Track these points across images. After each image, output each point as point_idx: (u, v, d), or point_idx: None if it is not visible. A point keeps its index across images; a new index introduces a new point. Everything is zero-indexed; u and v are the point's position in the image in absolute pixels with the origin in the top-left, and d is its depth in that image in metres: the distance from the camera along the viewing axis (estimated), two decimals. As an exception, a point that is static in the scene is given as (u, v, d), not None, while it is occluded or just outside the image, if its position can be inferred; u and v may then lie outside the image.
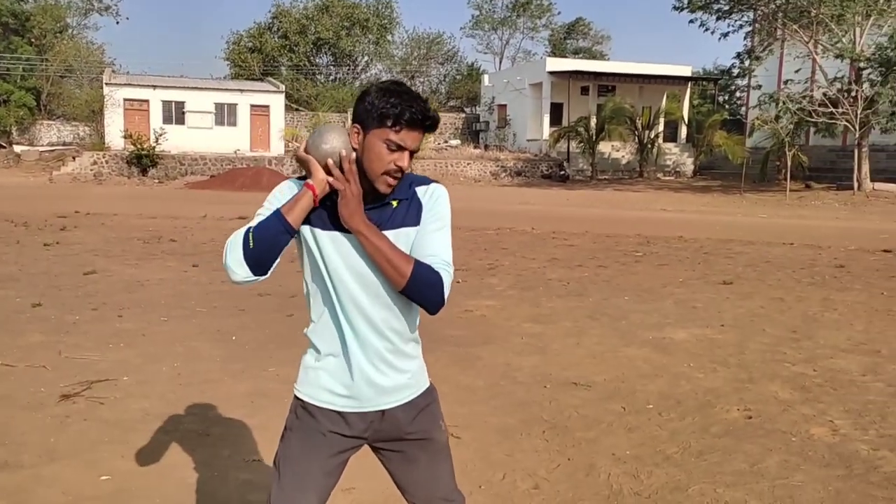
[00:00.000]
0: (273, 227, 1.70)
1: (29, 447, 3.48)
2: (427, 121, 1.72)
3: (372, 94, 1.72)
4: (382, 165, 1.71)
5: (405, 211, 1.80)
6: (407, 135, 1.70)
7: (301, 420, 1.88)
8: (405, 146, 1.70)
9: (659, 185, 30.23)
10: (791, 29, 26.96)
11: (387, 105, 1.68)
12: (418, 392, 1.92)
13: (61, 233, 11.76)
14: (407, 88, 1.74)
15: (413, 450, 1.93)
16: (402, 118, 1.68)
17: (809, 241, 12.87)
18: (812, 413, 4.10)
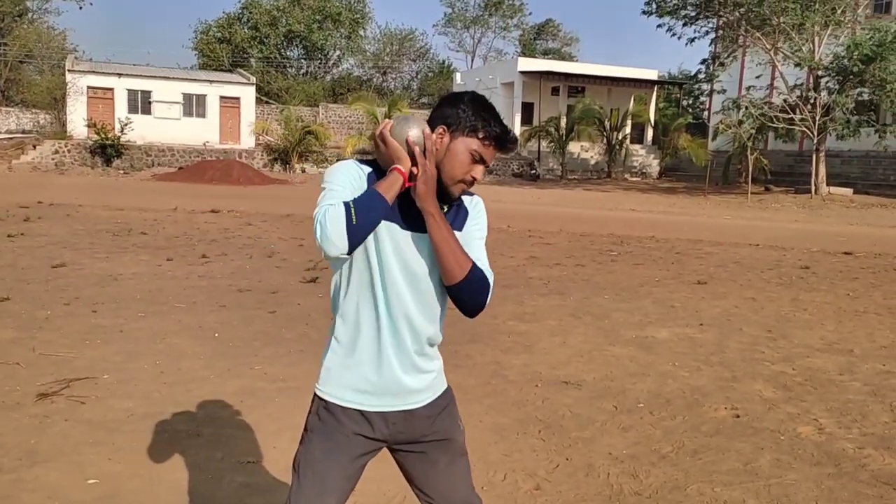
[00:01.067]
0: (377, 206, 1.69)
1: (8, 449, 3.35)
2: (510, 143, 1.80)
3: (466, 103, 1.78)
4: (462, 172, 1.77)
5: (453, 216, 1.84)
6: (491, 151, 1.78)
7: (323, 421, 1.85)
8: (486, 160, 1.78)
9: (627, 186, 30.61)
10: (754, 36, 27.48)
11: (482, 118, 1.76)
12: (439, 393, 1.92)
13: (25, 224, 11.40)
14: (492, 109, 1.81)
15: (434, 451, 1.92)
16: (493, 134, 1.76)
17: (773, 242, 13.15)
18: (797, 412, 4.17)
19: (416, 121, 1.77)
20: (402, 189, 1.72)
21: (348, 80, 46.91)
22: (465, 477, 2.00)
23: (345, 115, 37.93)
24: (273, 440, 3.48)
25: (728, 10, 27.69)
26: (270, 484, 3.08)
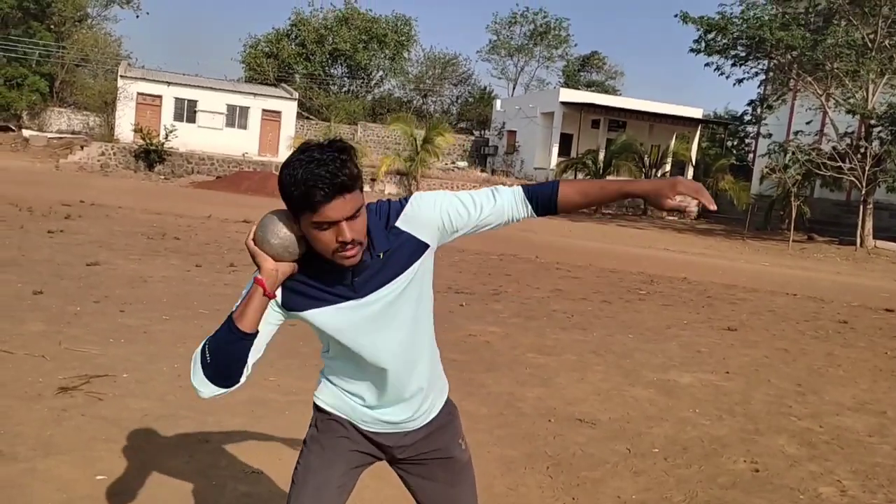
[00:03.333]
0: (225, 338, 1.58)
1: (24, 439, 3.41)
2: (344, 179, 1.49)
3: (282, 177, 1.53)
4: (327, 248, 1.55)
5: (399, 254, 1.67)
6: (331, 209, 1.49)
7: (321, 432, 1.87)
8: (332, 218, 1.50)
9: (662, 225, 30.30)
10: (805, 81, 27.18)
11: (294, 189, 1.50)
12: (434, 414, 1.90)
13: (65, 221, 11.70)
14: (310, 158, 1.50)
15: (433, 468, 1.92)
16: (312, 194, 1.48)
17: (812, 293, 12.84)
18: (819, 471, 4.04)
19: (279, 219, 1.58)
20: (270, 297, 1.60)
21: (389, 100, 47.49)
22: (468, 496, 1.98)
23: (382, 134, 38.36)
24: (279, 452, 3.48)
25: (780, 53, 27.44)
26: (272, 495, 3.07)
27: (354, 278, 1.64)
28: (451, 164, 37.03)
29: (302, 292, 1.65)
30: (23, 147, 30.55)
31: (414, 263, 1.69)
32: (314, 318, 1.67)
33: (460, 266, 11.51)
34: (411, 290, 1.72)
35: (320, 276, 1.63)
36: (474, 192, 1.74)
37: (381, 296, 1.67)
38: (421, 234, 1.68)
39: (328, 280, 1.64)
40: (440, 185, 31.87)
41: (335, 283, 1.64)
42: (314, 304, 1.65)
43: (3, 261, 7.78)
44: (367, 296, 1.66)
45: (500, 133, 40.38)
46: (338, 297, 1.65)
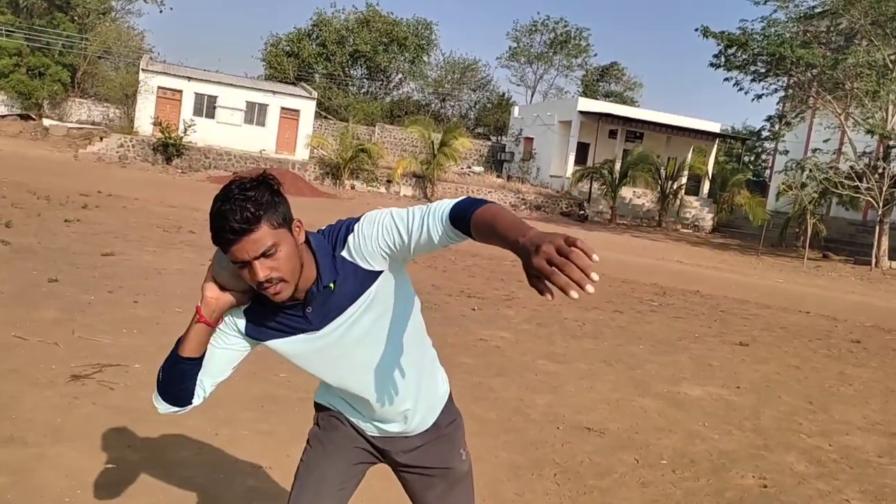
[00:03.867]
0: (170, 360, 1.64)
1: (35, 425, 3.44)
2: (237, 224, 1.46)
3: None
4: (250, 281, 1.53)
5: (349, 282, 1.62)
6: (238, 250, 1.48)
7: (323, 429, 1.89)
8: (244, 258, 1.49)
9: (677, 237, 30.16)
10: (824, 99, 27.00)
11: (211, 232, 1.51)
12: (430, 423, 1.88)
13: (82, 211, 11.81)
14: (225, 195, 1.49)
15: (432, 476, 1.91)
16: (218, 240, 1.50)
17: (825, 311, 12.73)
18: (828, 489, 4.00)
19: (221, 256, 1.58)
20: (208, 326, 1.62)
21: (407, 103, 47.57)
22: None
23: (399, 136, 38.43)
24: (287, 448, 3.49)
25: (800, 71, 27.28)
26: (278, 491, 3.08)
27: (307, 310, 1.63)
28: (468, 169, 37.03)
29: (261, 323, 1.67)
30: (42, 136, 30.85)
31: (364, 293, 1.63)
32: (275, 348, 1.70)
33: (473, 270, 11.50)
34: (371, 318, 1.66)
35: (278, 308, 1.63)
36: (413, 210, 1.56)
37: (335, 328, 1.65)
38: (366, 264, 1.61)
39: (285, 312, 1.64)
40: (456, 189, 31.89)
41: (291, 315, 1.64)
42: (273, 335, 1.67)
43: (21, 247, 7.86)
44: (321, 328, 1.65)
45: (517, 139, 40.35)
46: (294, 329, 1.66)
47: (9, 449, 3.14)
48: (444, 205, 1.51)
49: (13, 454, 3.10)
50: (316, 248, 1.61)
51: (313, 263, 1.60)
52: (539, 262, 1.21)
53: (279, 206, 1.52)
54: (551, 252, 1.21)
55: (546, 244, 1.22)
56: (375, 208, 1.66)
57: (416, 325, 1.78)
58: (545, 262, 1.20)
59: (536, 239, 1.26)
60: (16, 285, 6.13)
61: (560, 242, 1.22)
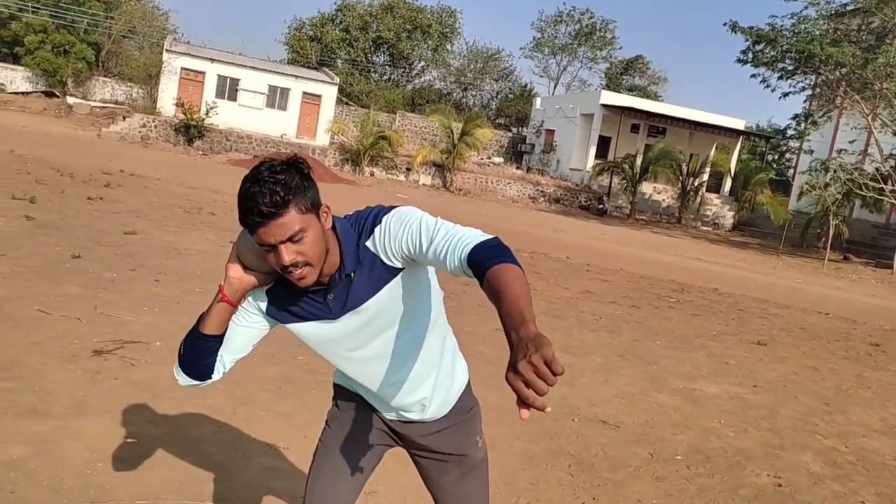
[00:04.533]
0: (191, 335, 1.67)
1: (58, 398, 3.50)
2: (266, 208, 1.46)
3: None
4: (275, 264, 1.54)
5: (370, 273, 1.62)
6: (264, 233, 1.49)
7: (342, 411, 1.90)
8: (271, 242, 1.49)
9: (696, 234, 29.92)
10: (852, 99, 26.57)
11: (238, 212, 1.52)
12: (446, 411, 1.88)
13: (105, 189, 11.92)
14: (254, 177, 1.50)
15: (447, 462, 1.92)
16: (245, 222, 1.51)
17: (845, 313, 12.60)
18: (843, 491, 3.97)
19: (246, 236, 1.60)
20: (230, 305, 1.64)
21: (429, 91, 47.46)
22: (478, 494, 1.97)
23: (420, 125, 38.38)
24: (304, 429, 3.52)
25: (829, 69, 26.86)
26: (295, 470, 3.11)
27: (329, 296, 1.63)
28: (487, 160, 36.92)
29: (283, 306, 1.68)
30: (66, 114, 31.17)
31: (386, 285, 1.63)
32: (293, 330, 1.71)
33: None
34: (389, 313, 1.67)
35: (300, 292, 1.63)
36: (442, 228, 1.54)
37: (351, 318, 1.66)
38: (388, 259, 1.61)
39: (307, 296, 1.65)
40: (475, 179, 31.82)
41: (313, 300, 1.65)
42: (293, 319, 1.68)
43: (45, 223, 7.96)
44: (339, 317, 1.66)
45: (538, 131, 40.15)
46: (313, 315, 1.66)
47: (32, 420, 3.20)
48: (469, 239, 1.49)
49: (37, 426, 3.15)
50: (342, 234, 1.60)
51: (338, 250, 1.60)
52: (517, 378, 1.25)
53: (308, 190, 1.51)
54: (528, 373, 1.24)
55: (524, 363, 1.24)
56: (404, 204, 1.65)
57: (437, 316, 1.77)
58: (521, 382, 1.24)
59: (526, 344, 1.26)
60: (39, 260, 6.22)
61: (537, 362, 1.23)
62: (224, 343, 1.69)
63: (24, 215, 8.12)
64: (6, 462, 2.79)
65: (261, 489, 2.92)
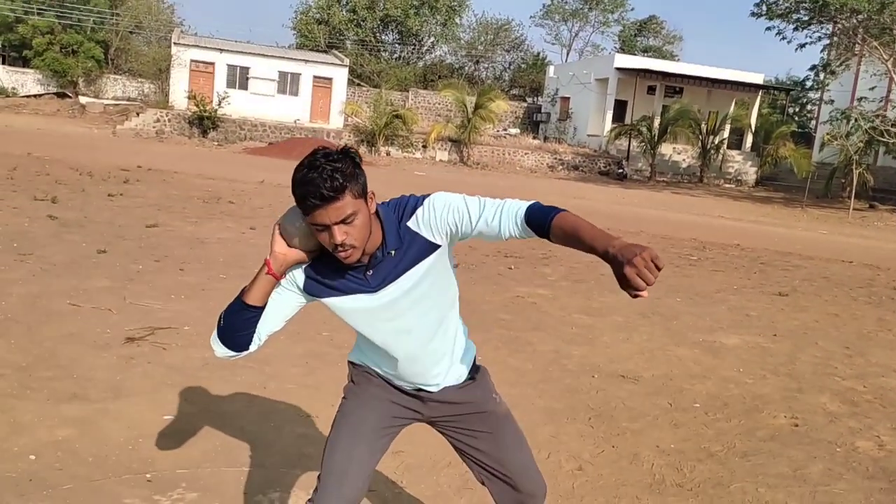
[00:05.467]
0: (233, 307, 1.78)
1: (96, 383, 3.67)
2: (327, 192, 1.61)
3: (292, 177, 1.68)
4: (327, 243, 1.69)
5: (409, 251, 1.77)
6: (320, 215, 1.64)
7: (357, 384, 2.01)
8: (325, 223, 1.64)
9: (718, 192, 29.63)
10: (870, 45, 25.96)
11: (294, 191, 1.66)
12: (466, 374, 2.00)
13: (125, 185, 12.15)
14: (312, 164, 1.64)
15: (471, 423, 2.00)
16: (304, 204, 1.65)
17: (869, 261, 12.50)
18: (859, 427, 4.04)
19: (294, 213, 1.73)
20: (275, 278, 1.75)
21: (440, 66, 47.18)
22: (516, 447, 2.03)
23: (434, 101, 38.25)
24: (333, 399, 3.61)
25: (844, 17, 26.24)
26: (325, 437, 3.25)
27: (368, 272, 1.77)
28: (503, 132, 36.76)
29: (322, 281, 1.80)
30: (80, 113, 31.52)
31: (423, 261, 1.77)
32: (330, 304, 1.83)
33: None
34: (423, 287, 1.80)
35: (340, 268, 1.77)
36: (485, 202, 1.74)
37: (390, 292, 1.79)
38: (430, 236, 1.76)
39: (346, 272, 1.78)
40: (492, 152, 31.74)
41: (352, 276, 1.78)
42: (331, 293, 1.81)
43: (69, 222, 8.18)
44: (378, 290, 1.79)
45: (552, 100, 39.80)
46: (352, 290, 1.79)
47: (73, 405, 3.38)
48: (519, 205, 1.71)
49: (78, 409, 3.33)
50: (384, 217, 1.76)
51: (380, 231, 1.75)
52: (630, 273, 1.45)
53: (360, 178, 1.67)
54: (640, 266, 1.45)
55: (637, 257, 1.45)
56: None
57: (454, 295, 1.93)
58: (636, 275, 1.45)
59: (627, 252, 1.48)
60: (67, 257, 6.42)
61: (647, 257, 1.46)
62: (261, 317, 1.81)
63: (47, 215, 8.35)
64: (52, 443, 2.96)
65: (293, 455, 3.07)
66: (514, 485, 2.00)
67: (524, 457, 2.05)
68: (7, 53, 36.27)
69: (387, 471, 3.00)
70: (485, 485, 2.06)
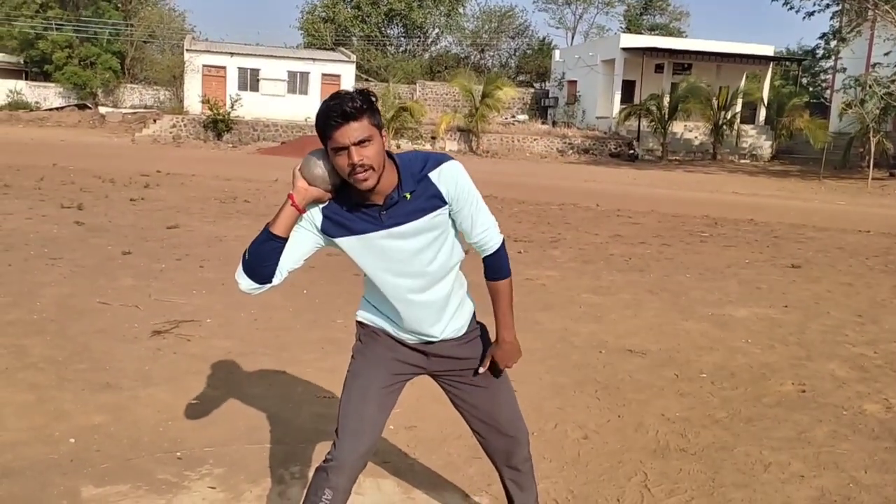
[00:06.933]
0: (260, 238, 1.93)
1: (126, 373, 3.88)
2: (349, 108, 1.79)
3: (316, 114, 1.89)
4: (345, 172, 1.85)
5: (423, 199, 1.93)
6: (341, 134, 1.80)
7: (364, 343, 2.16)
8: (347, 144, 1.80)
9: (733, 168, 29.42)
10: (882, 10, 25.59)
11: (317, 122, 1.85)
12: (464, 329, 2.15)
13: (145, 190, 12.43)
14: (335, 95, 1.85)
15: (469, 377, 2.18)
16: (328, 124, 1.81)
17: (887, 230, 12.45)
18: (867, 391, 4.13)
19: (313, 156, 1.93)
20: (298, 211, 1.92)
21: (446, 57, 47.18)
22: (507, 401, 2.24)
23: (441, 92, 38.30)
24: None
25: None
26: (342, 416, 3.43)
27: (382, 212, 1.92)
28: (512, 118, 36.74)
29: (337, 221, 1.96)
30: (100, 123, 32.08)
31: (437, 210, 1.94)
32: (344, 244, 1.98)
33: (520, 217, 11.68)
34: (431, 235, 1.96)
35: (355, 210, 1.94)
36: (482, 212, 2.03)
37: (401, 233, 1.93)
38: (445, 192, 1.93)
39: (361, 213, 1.94)
40: (501, 140, 31.76)
41: (366, 215, 1.94)
42: (345, 232, 1.96)
43: (94, 226, 8.44)
44: (390, 228, 1.93)
45: (560, 84, 39.67)
46: (365, 230, 1.94)
47: (106, 393, 3.58)
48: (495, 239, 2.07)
49: (110, 397, 3.53)
50: (400, 162, 1.92)
51: (395, 173, 1.91)
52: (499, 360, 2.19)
53: (376, 112, 1.87)
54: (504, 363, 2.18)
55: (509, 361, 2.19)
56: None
57: (459, 254, 2.10)
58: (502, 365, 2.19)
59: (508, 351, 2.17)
60: (94, 260, 6.66)
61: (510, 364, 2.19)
62: (283, 252, 1.97)
63: (74, 221, 8.62)
64: (88, 428, 3.16)
65: (312, 432, 3.24)
66: (501, 431, 2.22)
67: (512, 409, 2.25)
68: (29, 69, 36.96)
69: (400, 444, 3.16)
70: (472, 429, 2.26)
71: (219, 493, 2.71)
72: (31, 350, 4.12)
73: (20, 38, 35.57)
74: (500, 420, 2.22)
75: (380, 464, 2.95)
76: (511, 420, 2.24)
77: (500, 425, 2.22)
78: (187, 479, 2.78)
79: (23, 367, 3.86)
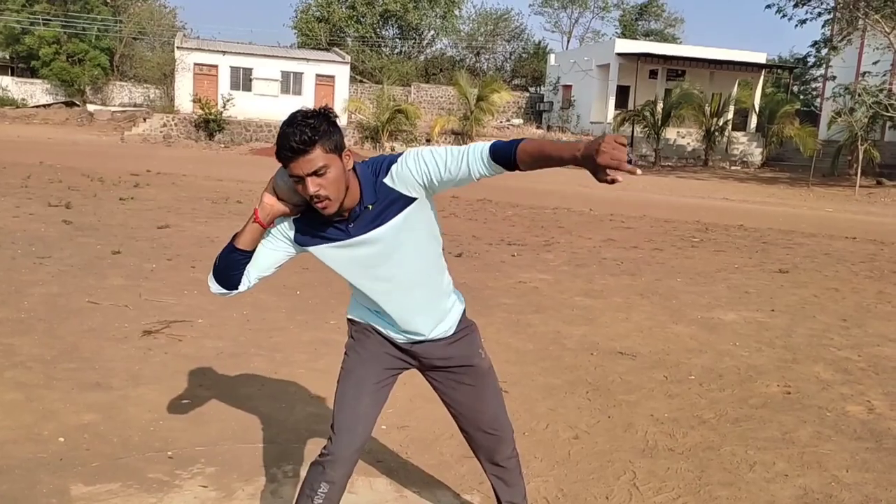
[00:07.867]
0: (225, 250, 2.00)
1: (116, 372, 3.87)
2: (296, 144, 1.78)
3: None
4: (304, 194, 1.86)
5: (384, 205, 1.94)
6: (295, 166, 1.81)
7: (356, 340, 2.19)
8: (302, 175, 1.81)
9: (724, 175, 29.61)
10: (873, 19, 25.83)
11: (276, 149, 1.84)
12: (453, 328, 2.18)
13: (135, 189, 12.39)
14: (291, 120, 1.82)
15: (458, 375, 2.21)
16: (282, 155, 1.82)
17: (874, 236, 12.57)
18: (851, 393, 4.19)
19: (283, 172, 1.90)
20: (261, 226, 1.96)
21: (441, 60, 47.23)
22: (492, 399, 2.27)
23: (436, 94, 38.34)
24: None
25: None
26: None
27: (350, 225, 1.96)
28: (506, 122, 36.82)
29: (310, 232, 2.01)
30: (88, 121, 31.82)
31: (399, 214, 1.94)
32: (316, 253, 2.03)
33: (513, 220, 11.72)
34: (399, 237, 1.97)
35: (326, 222, 1.97)
36: (451, 150, 1.88)
37: (368, 240, 1.96)
38: (405, 191, 1.92)
39: (331, 225, 1.98)
40: (493, 143, 31.74)
41: (336, 228, 1.98)
42: (317, 242, 2.01)
43: (83, 225, 8.41)
44: (357, 238, 1.97)
45: (554, 88, 39.77)
46: (335, 239, 1.99)
47: (96, 393, 3.57)
48: (483, 145, 1.86)
49: (101, 397, 3.53)
50: (361, 175, 1.93)
51: (358, 187, 1.92)
52: (604, 159, 1.65)
53: (333, 135, 1.84)
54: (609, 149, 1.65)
55: (603, 144, 1.65)
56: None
57: (437, 252, 2.12)
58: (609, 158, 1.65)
59: (592, 145, 1.67)
60: (83, 259, 6.64)
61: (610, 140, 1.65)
62: (252, 261, 2.02)
63: (62, 220, 8.58)
64: (78, 427, 3.16)
65: (304, 432, 3.26)
66: (485, 429, 2.25)
67: (497, 407, 2.28)
68: (15, 65, 36.61)
69: (392, 443, 3.18)
70: (458, 425, 2.30)
71: (210, 491, 2.72)
72: (18, 349, 4.10)
73: (6, 33, 35.05)
74: (485, 418, 2.25)
75: (372, 463, 2.97)
76: (495, 418, 2.27)
77: (484, 423, 2.25)
78: (178, 478, 2.79)
79: (10, 365, 3.85)
